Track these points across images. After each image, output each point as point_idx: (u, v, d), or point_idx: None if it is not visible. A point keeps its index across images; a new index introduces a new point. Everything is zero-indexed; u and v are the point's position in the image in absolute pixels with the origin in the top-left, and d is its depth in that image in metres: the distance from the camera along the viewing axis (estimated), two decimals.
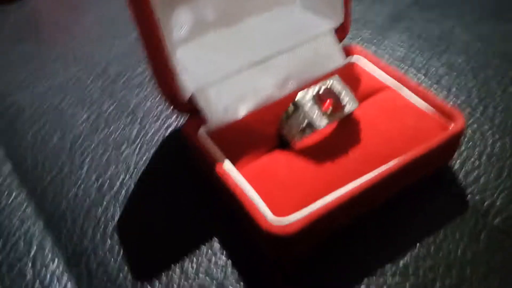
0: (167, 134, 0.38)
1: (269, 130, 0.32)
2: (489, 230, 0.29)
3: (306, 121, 0.28)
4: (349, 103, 0.29)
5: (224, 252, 0.30)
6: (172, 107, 0.33)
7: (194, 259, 0.30)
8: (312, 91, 0.29)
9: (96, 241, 0.32)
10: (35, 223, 0.33)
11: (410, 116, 0.31)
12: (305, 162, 0.29)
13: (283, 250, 0.27)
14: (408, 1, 0.47)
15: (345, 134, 0.31)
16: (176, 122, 0.38)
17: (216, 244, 0.30)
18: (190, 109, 0.33)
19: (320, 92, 0.29)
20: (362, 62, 0.36)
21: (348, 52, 0.36)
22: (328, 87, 0.29)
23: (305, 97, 0.29)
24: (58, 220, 0.33)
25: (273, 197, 0.28)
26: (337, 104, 0.29)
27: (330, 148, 0.30)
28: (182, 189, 0.34)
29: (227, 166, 0.29)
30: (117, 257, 0.31)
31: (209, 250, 0.30)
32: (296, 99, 0.29)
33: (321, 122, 0.28)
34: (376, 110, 0.32)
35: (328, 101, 0.29)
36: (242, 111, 0.33)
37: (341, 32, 0.36)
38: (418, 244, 0.29)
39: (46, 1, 0.55)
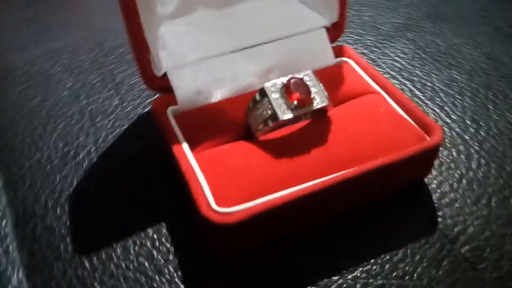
0: (143, 112, 0.37)
1: (238, 119, 0.30)
2: (454, 257, 0.27)
3: (270, 111, 0.27)
4: (318, 99, 0.27)
5: (170, 238, 0.29)
6: (143, 82, 0.31)
7: (138, 240, 0.29)
8: (281, 81, 0.27)
9: (47, 207, 0.31)
10: None
11: (388, 124, 0.29)
12: (264, 155, 0.27)
13: (223, 241, 0.26)
14: (422, 13, 0.45)
15: (314, 132, 0.29)
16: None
17: (164, 229, 0.29)
18: (164, 87, 0.32)
19: (289, 83, 0.27)
20: (350, 65, 0.34)
21: (338, 53, 0.34)
22: (299, 80, 0.27)
23: (273, 86, 0.27)
24: (16, 182, 0.33)
25: (222, 186, 0.26)
26: (306, 99, 0.27)
27: (294, 145, 0.28)
28: (144, 168, 0.33)
29: (184, 149, 0.28)
30: (63, 226, 0.30)
31: (155, 234, 0.29)
32: (263, 87, 0.27)
33: (285, 114, 0.27)
34: (354, 113, 0.30)
35: (296, 93, 0.27)
36: (216, 96, 0.32)
37: (335, 31, 0.35)
38: (372, 260, 0.27)
39: None
